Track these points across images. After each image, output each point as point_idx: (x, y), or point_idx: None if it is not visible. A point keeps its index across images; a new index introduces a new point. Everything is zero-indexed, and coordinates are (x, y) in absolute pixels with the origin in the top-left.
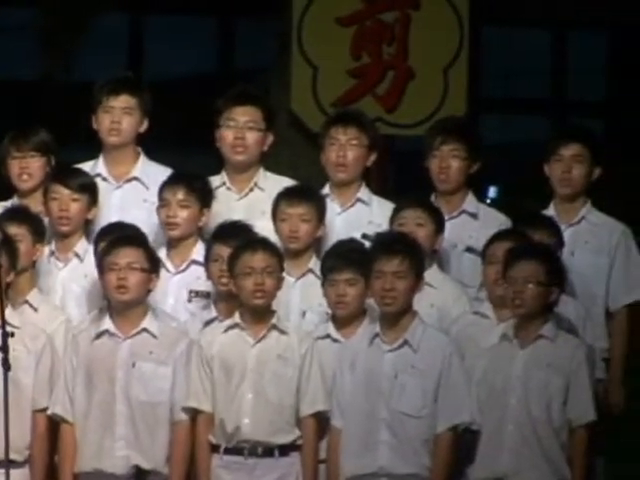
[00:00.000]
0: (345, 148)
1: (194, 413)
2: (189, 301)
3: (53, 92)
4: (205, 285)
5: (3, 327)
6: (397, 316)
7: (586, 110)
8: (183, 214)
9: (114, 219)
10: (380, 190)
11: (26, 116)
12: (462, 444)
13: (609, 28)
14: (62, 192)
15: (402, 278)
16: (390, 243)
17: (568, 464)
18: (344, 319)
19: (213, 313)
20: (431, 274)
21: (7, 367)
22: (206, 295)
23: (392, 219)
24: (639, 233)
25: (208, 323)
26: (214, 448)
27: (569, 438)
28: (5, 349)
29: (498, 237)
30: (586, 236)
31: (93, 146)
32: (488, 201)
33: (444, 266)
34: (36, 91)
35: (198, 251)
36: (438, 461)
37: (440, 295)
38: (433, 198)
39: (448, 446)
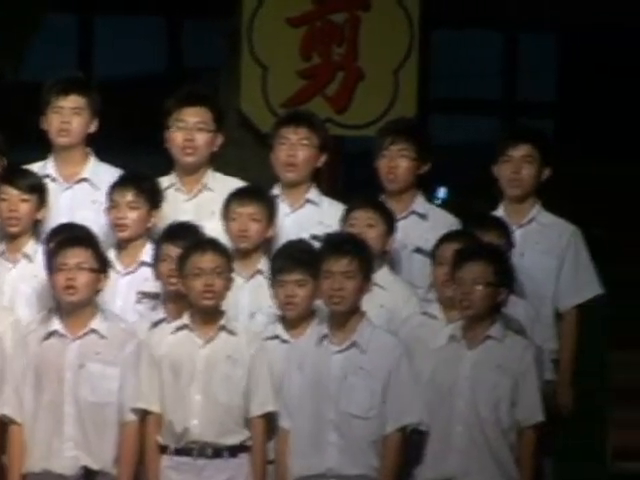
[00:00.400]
0: (295, 148)
1: (143, 414)
2: (138, 302)
3: (2, 92)
4: (154, 286)
5: None
6: (345, 317)
7: (536, 111)
8: (132, 215)
9: (63, 220)
10: (330, 191)
11: None
12: (410, 445)
13: (560, 29)
14: (11, 193)
15: (351, 278)
16: (339, 243)
17: (516, 465)
18: (293, 320)
19: (161, 314)
20: (381, 275)
21: None
22: (155, 296)
23: (343, 219)
24: (588, 234)
25: (156, 324)
26: (163, 449)
27: (517, 439)
28: None
29: (447, 238)
30: (536, 237)
31: (43, 146)
32: (438, 202)
33: (394, 267)
34: None
35: (147, 252)
36: (386, 462)
37: (390, 296)
38: (382, 199)
39: (396, 447)
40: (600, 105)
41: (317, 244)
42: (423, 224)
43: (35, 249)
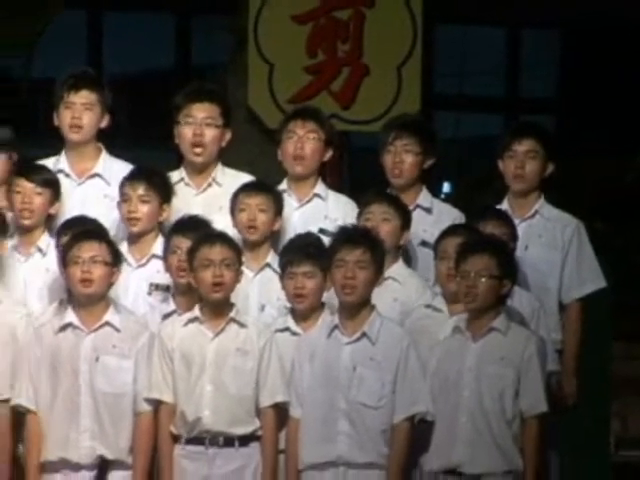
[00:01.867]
0: (303, 140)
1: (156, 404)
2: (149, 294)
3: (12, 88)
4: (165, 278)
5: None
6: (356, 308)
7: (539, 107)
8: (144, 209)
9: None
10: (335, 186)
11: None
12: (417, 434)
13: (563, 26)
14: (25, 186)
15: (363, 269)
16: (353, 234)
17: (521, 455)
18: (303, 313)
19: (172, 306)
20: (396, 269)
21: None
22: (166, 288)
23: (359, 214)
24: (589, 228)
25: (167, 316)
26: (176, 438)
27: (522, 429)
28: None
29: (448, 233)
30: (540, 230)
31: (54, 143)
32: (442, 196)
33: (410, 261)
34: None
35: (158, 246)
36: (395, 450)
37: (404, 290)
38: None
39: (405, 436)
40: (602, 101)
41: (325, 238)
42: (428, 218)
43: (48, 243)
